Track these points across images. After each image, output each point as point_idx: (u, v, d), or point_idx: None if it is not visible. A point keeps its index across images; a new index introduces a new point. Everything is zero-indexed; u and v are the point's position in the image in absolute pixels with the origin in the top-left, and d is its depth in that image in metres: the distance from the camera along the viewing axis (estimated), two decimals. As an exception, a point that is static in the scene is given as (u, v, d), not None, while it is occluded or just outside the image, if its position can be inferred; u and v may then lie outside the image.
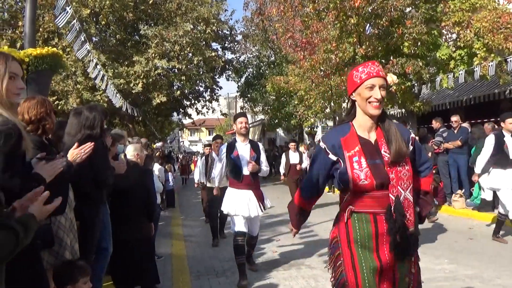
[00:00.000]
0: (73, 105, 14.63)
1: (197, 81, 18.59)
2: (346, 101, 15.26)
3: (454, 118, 8.97)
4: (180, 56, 16.18)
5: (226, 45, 20.20)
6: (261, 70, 22.64)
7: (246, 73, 23.31)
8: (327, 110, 15.51)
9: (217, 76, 20.42)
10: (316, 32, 11.30)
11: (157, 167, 7.05)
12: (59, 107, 15.19)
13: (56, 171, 2.18)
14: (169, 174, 10.48)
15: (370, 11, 10.08)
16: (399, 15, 10.11)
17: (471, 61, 9.91)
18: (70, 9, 6.84)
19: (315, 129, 21.92)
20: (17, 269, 1.79)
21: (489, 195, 7.77)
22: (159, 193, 6.26)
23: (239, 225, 4.71)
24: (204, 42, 17.18)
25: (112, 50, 15.85)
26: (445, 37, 10.91)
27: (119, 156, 4.35)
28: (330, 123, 19.01)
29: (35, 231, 1.57)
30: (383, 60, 10.69)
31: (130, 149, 4.28)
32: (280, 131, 26.82)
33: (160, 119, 22.01)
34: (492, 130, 8.11)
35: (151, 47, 15.67)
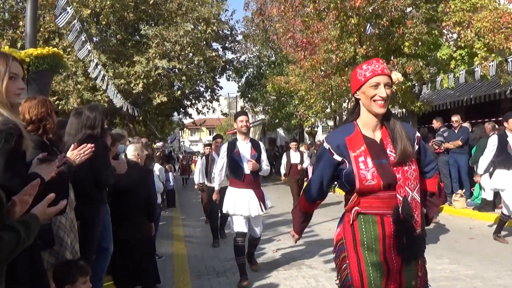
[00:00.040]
0: (73, 105, 14.66)
1: (198, 81, 18.62)
2: (347, 101, 15.35)
3: (454, 118, 8.96)
4: (181, 56, 16.19)
5: (227, 45, 20.22)
6: (261, 70, 22.64)
7: (247, 73, 23.32)
8: (328, 110, 15.52)
9: (218, 76, 20.44)
10: (317, 32, 11.31)
11: (157, 167, 7.05)
12: (60, 107, 15.21)
13: (52, 172, 2.18)
14: (169, 174, 10.47)
15: (370, 11, 10.08)
16: (400, 15, 10.11)
17: (471, 61, 9.91)
18: (70, 9, 6.84)
19: (315, 129, 21.91)
20: (17, 269, 1.78)
21: (489, 195, 7.77)
22: (159, 193, 6.26)
23: (239, 225, 4.67)
24: (204, 42, 17.19)
25: (113, 50, 15.86)
26: (445, 37, 10.91)
27: (120, 156, 4.36)
28: (330, 123, 19.01)
29: (37, 232, 1.57)
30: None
31: (130, 149, 4.28)
32: (280, 131, 26.81)
33: (160, 119, 22.03)
34: (492, 130, 8.11)
35: (152, 47, 15.68)
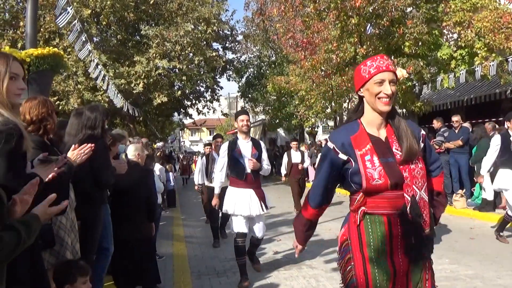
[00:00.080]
0: (74, 105, 14.67)
1: (198, 81, 18.63)
2: (347, 101, 15.36)
3: (455, 118, 8.96)
4: (181, 56, 16.19)
5: (227, 45, 20.24)
6: (262, 70, 22.66)
7: (247, 73, 23.34)
8: (328, 110, 15.54)
9: (218, 76, 20.46)
10: (317, 32, 11.32)
11: (158, 167, 7.05)
12: (60, 108, 15.22)
13: (50, 173, 2.18)
14: (170, 174, 10.47)
15: (371, 11, 10.09)
16: (400, 15, 10.12)
17: (472, 61, 9.92)
18: (71, 9, 6.84)
19: (316, 129, 21.92)
20: (18, 269, 1.79)
21: (490, 195, 7.76)
22: (160, 193, 6.26)
23: (239, 226, 4.64)
24: (205, 42, 17.21)
25: (113, 50, 15.87)
26: (446, 37, 10.91)
27: (120, 156, 4.36)
28: (331, 123, 19.02)
29: (38, 232, 1.57)
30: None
31: (131, 149, 4.28)
32: (281, 131, 26.82)
33: (161, 119, 22.05)
34: (492, 130, 8.11)
35: (152, 47, 15.69)
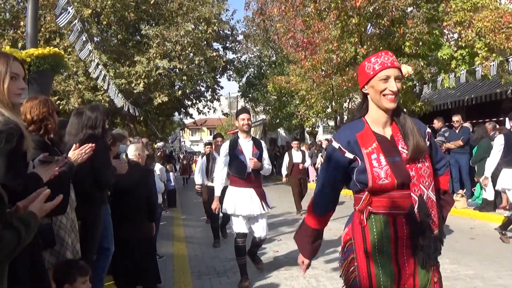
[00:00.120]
0: (74, 105, 14.67)
1: (199, 81, 18.64)
2: (348, 101, 15.35)
3: (455, 118, 8.95)
4: (182, 56, 16.20)
5: (228, 45, 20.24)
6: (262, 70, 22.67)
7: (248, 73, 23.35)
8: (329, 110, 15.54)
9: (219, 76, 20.46)
10: (317, 32, 11.32)
11: (158, 167, 7.05)
12: (61, 107, 15.22)
13: (51, 173, 2.18)
14: (170, 174, 10.48)
15: (371, 10, 10.09)
16: (401, 14, 10.12)
17: (472, 61, 9.91)
18: (71, 9, 6.84)
19: (316, 129, 21.92)
20: (18, 269, 1.79)
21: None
22: (160, 193, 6.26)
23: (239, 226, 4.61)
24: (205, 42, 17.22)
25: (114, 50, 15.88)
26: (446, 36, 10.91)
27: (121, 156, 4.36)
28: (331, 123, 19.02)
29: (36, 230, 1.57)
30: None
31: (131, 149, 4.28)
32: (281, 131, 26.81)
33: (161, 119, 22.06)
34: (493, 130, 8.11)
35: (153, 47, 15.70)
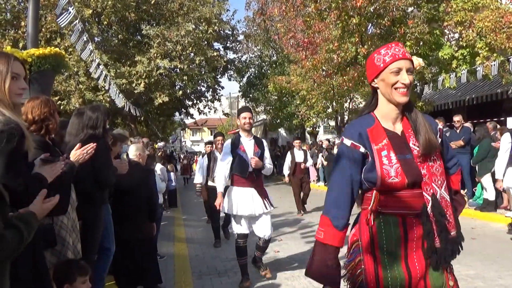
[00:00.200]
0: (75, 105, 14.69)
1: (199, 81, 18.65)
2: (348, 101, 15.35)
3: (456, 118, 8.94)
4: (182, 56, 16.20)
5: (228, 45, 20.24)
6: (263, 70, 22.67)
7: (248, 73, 23.36)
8: (329, 110, 15.55)
9: (219, 76, 20.47)
10: (318, 32, 11.33)
11: (159, 167, 7.05)
12: (62, 107, 15.24)
13: (56, 173, 2.18)
14: (171, 174, 10.48)
15: (372, 10, 10.09)
16: (401, 14, 10.12)
17: (473, 60, 9.91)
18: (72, 9, 6.84)
19: (317, 129, 21.92)
20: (19, 269, 1.79)
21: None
22: (161, 193, 6.26)
23: (240, 226, 4.59)
24: (206, 42, 17.22)
25: (114, 50, 15.89)
26: (447, 36, 10.91)
27: (121, 156, 4.36)
28: (332, 123, 19.02)
29: (36, 230, 1.58)
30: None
31: (132, 149, 4.28)
32: (282, 131, 26.82)
33: (162, 119, 22.07)
34: (494, 130, 8.10)
35: (153, 47, 15.70)
